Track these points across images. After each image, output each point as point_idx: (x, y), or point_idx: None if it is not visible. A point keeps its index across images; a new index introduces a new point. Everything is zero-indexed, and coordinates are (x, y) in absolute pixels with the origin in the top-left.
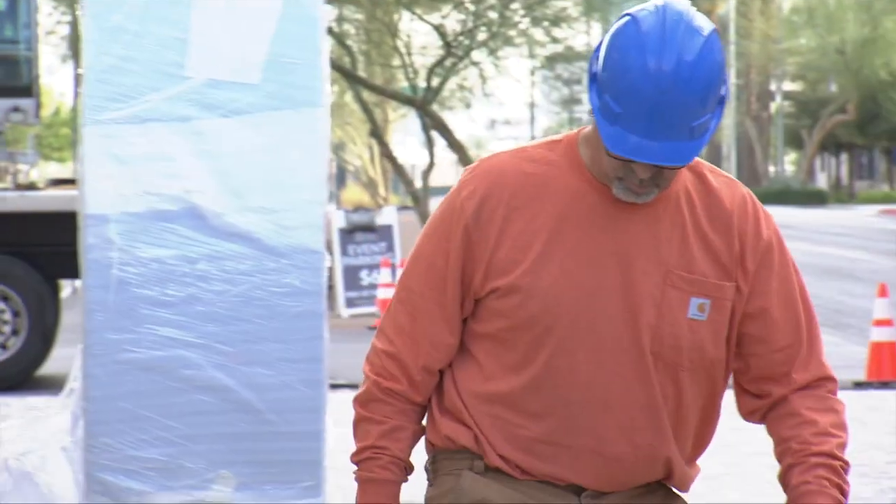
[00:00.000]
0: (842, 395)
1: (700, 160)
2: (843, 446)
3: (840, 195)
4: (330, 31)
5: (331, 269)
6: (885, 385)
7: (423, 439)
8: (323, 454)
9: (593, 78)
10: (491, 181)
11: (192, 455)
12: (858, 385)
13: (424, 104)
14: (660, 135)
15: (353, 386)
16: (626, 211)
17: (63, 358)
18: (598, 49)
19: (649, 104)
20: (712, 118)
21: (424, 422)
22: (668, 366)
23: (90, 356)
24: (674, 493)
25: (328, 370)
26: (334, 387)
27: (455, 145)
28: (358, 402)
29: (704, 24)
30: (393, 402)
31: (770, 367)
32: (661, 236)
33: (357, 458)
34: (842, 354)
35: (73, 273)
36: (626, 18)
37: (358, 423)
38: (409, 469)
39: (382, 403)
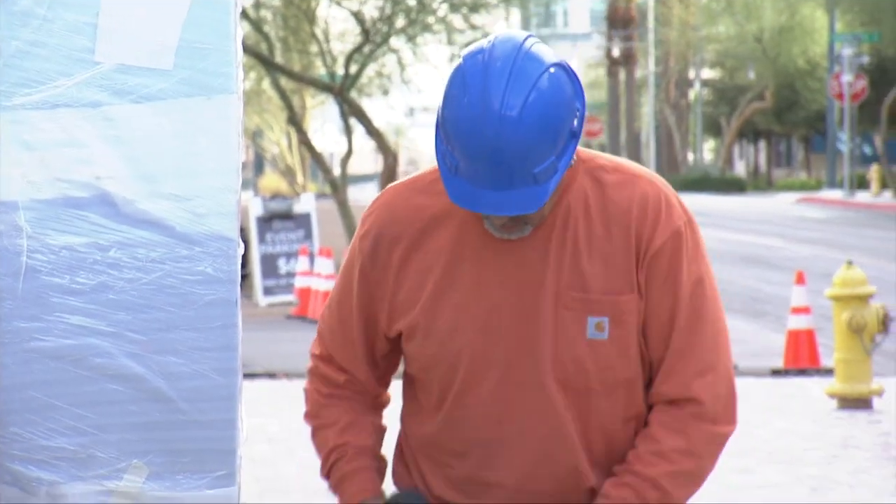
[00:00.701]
0: (759, 383)
1: (598, 154)
2: (675, 475)
3: (758, 183)
4: (247, 16)
5: (247, 258)
6: (802, 372)
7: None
8: (237, 443)
9: (438, 123)
10: (383, 219)
11: (104, 444)
12: (776, 373)
13: (342, 91)
14: (499, 184)
15: (270, 375)
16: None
17: None
18: None
19: (480, 153)
20: (560, 158)
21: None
22: (579, 392)
23: None
24: None
25: (243, 359)
26: (250, 376)
27: (373, 132)
28: (308, 417)
29: (541, 59)
30: (338, 402)
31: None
32: (551, 257)
33: (325, 469)
34: (759, 342)
35: None
36: (459, 59)
37: (314, 437)
38: (380, 460)
39: (329, 407)
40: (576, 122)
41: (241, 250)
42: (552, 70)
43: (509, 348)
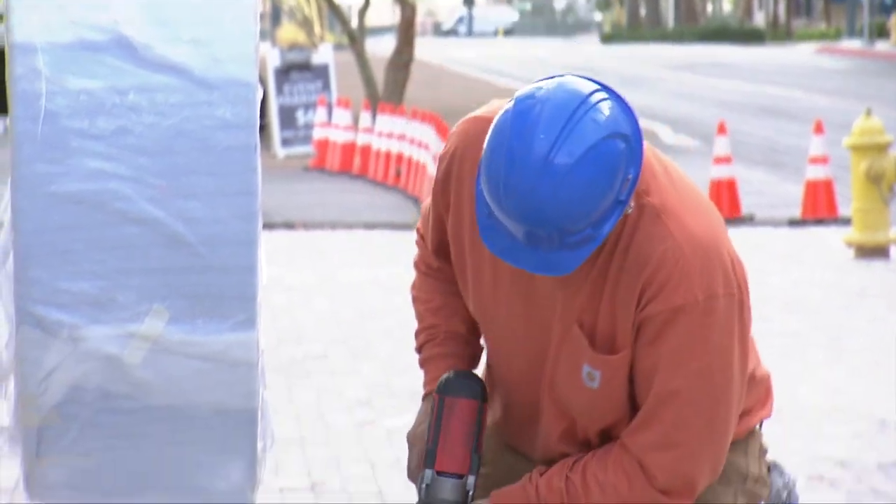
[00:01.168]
0: (777, 233)
1: (663, 189)
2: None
3: (777, 33)
4: None
5: (265, 109)
6: (819, 222)
7: None
8: (256, 289)
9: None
10: (457, 147)
11: (124, 288)
12: (793, 223)
13: None
14: (530, 243)
15: (288, 225)
16: None
17: None
18: None
19: (512, 206)
20: (598, 228)
21: None
22: (568, 415)
23: (18, 189)
24: None
25: (262, 206)
26: (269, 226)
27: None
28: (412, 286)
29: (603, 122)
30: (435, 281)
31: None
32: (571, 282)
33: (417, 345)
34: (777, 193)
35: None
36: (510, 102)
37: (413, 307)
38: (473, 345)
39: (427, 283)
40: (625, 190)
41: (259, 94)
42: (613, 138)
43: (520, 349)
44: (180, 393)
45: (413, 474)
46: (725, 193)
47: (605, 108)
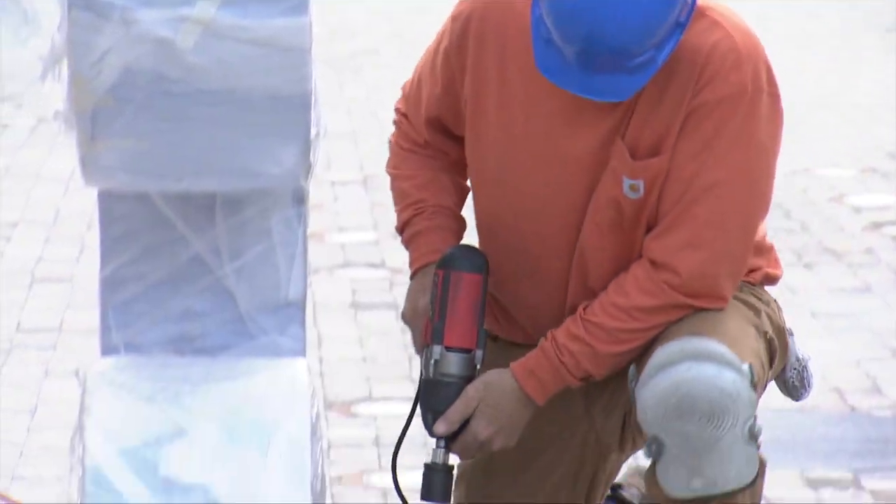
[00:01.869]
0: None
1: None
2: (632, 332)
3: None
4: None
5: None
6: None
7: None
8: None
9: None
10: (478, 9)
11: None
12: None
13: None
14: (588, 65)
15: None
16: None
17: None
18: None
19: (574, 32)
20: (660, 51)
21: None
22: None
23: None
24: None
25: None
26: None
27: None
28: (388, 166)
29: None
30: (418, 158)
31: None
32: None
33: (400, 223)
34: None
35: None
36: None
37: (393, 187)
38: (459, 220)
39: (409, 160)
40: (685, 12)
41: None
42: None
43: (542, 179)
44: (233, 77)
45: (419, 350)
46: None
47: None
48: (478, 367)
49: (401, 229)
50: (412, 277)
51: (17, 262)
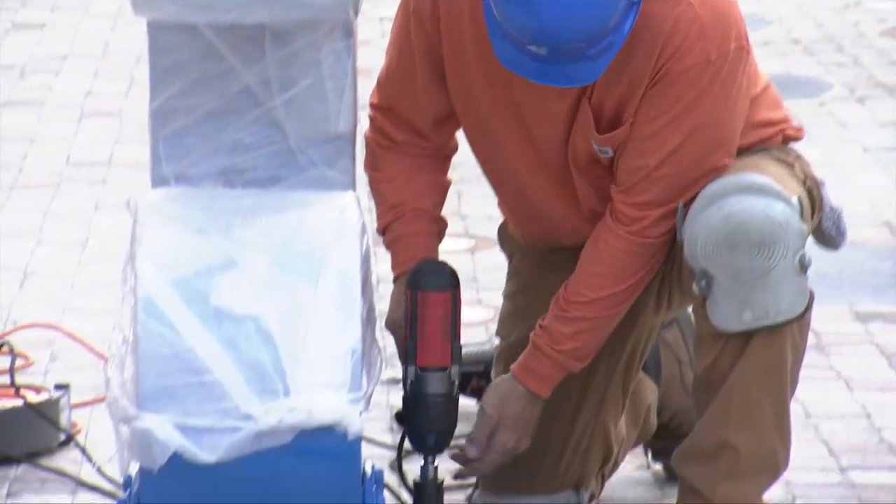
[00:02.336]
0: None
1: None
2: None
3: None
4: None
5: None
6: None
7: None
8: None
9: None
10: None
11: None
12: None
13: None
14: (549, 60)
15: None
16: None
17: None
18: None
19: (529, 33)
20: (617, 33)
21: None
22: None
23: None
24: None
25: None
26: None
27: None
28: (366, 166)
29: None
30: (396, 156)
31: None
32: None
33: (381, 227)
34: None
35: None
36: None
37: (372, 188)
38: (439, 222)
39: (387, 160)
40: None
41: None
42: None
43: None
44: None
45: (402, 361)
46: None
47: None
48: (455, 382)
49: (381, 232)
50: (394, 282)
51: (66, 96)
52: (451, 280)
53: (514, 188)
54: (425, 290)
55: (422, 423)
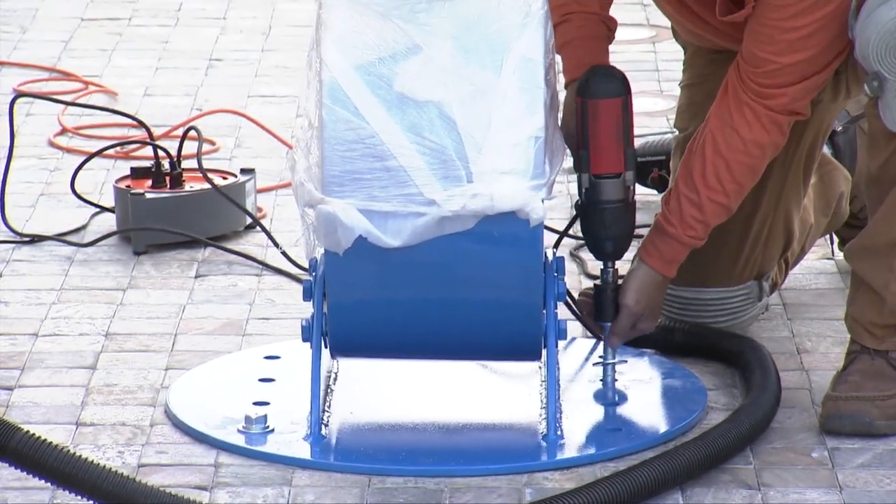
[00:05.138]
0: None
1: None
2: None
3: None
4: None
5: None
6: None
7: None
8: None
9: None
10: None
11: None
12: None
13: None
14: None
15: None
16: None
17: None
18: None
19: None
20: None
21: None
22: None
23: None
24: None
25: None
26: None
27: None
28: None
29: None
30: None
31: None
32: None
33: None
34: None
35: None
36: None
37: None
38: (609, 22)
39: None
40: None
41: None
42: None
43: None
44: None
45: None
46: None
47: None
48: (630, 188)
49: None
50: (566, 87)
51: None
52: (621, 86)
53: None
54: (595, 97)
55: (598, 229)
